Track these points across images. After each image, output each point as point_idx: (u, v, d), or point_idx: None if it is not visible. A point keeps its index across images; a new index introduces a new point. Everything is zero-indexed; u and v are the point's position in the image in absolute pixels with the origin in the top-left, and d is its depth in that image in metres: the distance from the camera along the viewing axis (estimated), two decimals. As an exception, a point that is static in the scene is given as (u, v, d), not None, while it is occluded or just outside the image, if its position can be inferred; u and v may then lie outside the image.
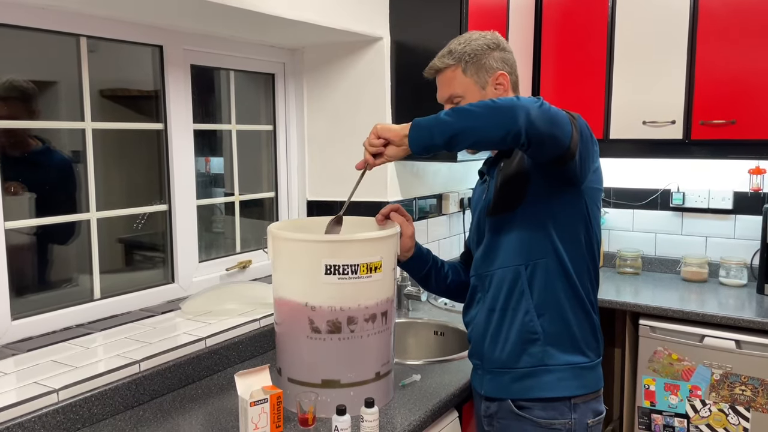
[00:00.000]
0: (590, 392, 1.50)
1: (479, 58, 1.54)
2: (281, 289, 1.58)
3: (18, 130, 1.81)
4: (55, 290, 1.91)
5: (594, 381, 1.52)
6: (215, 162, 2.50)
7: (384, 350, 1.59)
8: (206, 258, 2.30)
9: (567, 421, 1.47)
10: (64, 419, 1.43)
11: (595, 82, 2.88)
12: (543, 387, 1.48)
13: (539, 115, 1.27)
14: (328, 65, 2.53)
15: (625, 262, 3.12)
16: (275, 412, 1.44)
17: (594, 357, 1.52)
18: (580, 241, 1.49)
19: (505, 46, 1.58)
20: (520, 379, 1.50)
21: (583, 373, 1.50)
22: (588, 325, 1.51)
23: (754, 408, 2.40)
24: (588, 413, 1.50)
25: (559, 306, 1.48)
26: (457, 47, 1.55)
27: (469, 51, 1.54)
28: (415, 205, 2.65)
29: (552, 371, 1.48)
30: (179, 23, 2.00)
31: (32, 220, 1.82)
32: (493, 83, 1.55)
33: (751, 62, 2.55)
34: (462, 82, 1.55)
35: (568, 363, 1.48)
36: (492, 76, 1.55)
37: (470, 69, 1.54)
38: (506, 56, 1.57)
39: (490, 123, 1.28)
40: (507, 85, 1.55)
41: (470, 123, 1.30)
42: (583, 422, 1.49)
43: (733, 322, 2.41)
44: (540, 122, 1.27)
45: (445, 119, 1.32)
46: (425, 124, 1.34)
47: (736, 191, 2.93)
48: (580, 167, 1.40)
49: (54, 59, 1.91)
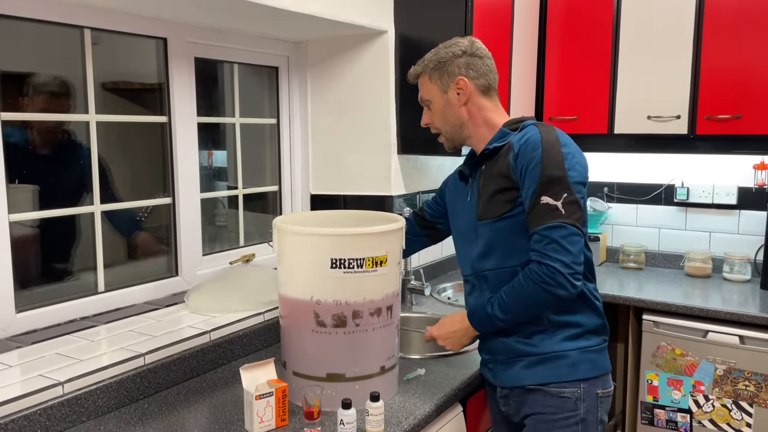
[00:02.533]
0: (600, 374, 1.57)
1: (443, 65, 1.62)
2: (286, 283, 1.57)
3: (51, 124, 1.85)
4: (59, 283, 1.91)
5: (603, 363, 1.58)
6: (218, 155, 2.50)
7: (389, 344, 1.59)
8: (210, 251, 2.30)
9: (576, 389, 1.53)
10: (69, 412, 1.43)
11: (600, 76, 2.86)
12: (554, 373, 1.54)
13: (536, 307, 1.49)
14: (332, 59, 2.52)
15: (629, 257, 3.11)
16: (280, 406, 1.44)
17: (600, 341, 1.58)
18: None
19: (476, 51, 1.62)
20: (532, 366, 1.56)
21: (592, 357, 1.55)
22: (591, 311, 1.57)
23: (758, 403, 2.40)
24: (598, 384, 1.56)
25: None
26: (427, 56, 1.65)
27: (435, 59, 1.63)
28: (418, 199, 2.64)
29: (561, 356, 1.54)
30: (183, 15, 1.99)
31: (36, 212, 1.82)
32: (454, 88, 1.61)
33: (757, 57, 2.54)
34: (429, 88, 1.65)
35: (577, 348, 1.54)
36: (453, 81, 1.61)
37: (434, 75, 1.63)
38: (473, 62, 1.61)
39: (529, 316, 1.53)
40: (467, 90, 1.60)
41: (517, 321, 1.53)
42: (593, 392, 1.55)
43: (736, 317, 2.41)
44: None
45: (503, 322, 1.54)
46: (481, 324, 1.59)
47: (741, 186, 2.93)
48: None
49: (57, 51, 1.90)
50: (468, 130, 1.65)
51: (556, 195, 1.42)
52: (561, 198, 1.42)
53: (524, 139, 1.51)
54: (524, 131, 1.55)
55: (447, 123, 1.66)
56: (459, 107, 1.63)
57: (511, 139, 1.55)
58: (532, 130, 1.52)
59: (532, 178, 1.45)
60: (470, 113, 1.63)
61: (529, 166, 1.46)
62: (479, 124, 1.63)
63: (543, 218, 1.43)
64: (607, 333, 1.61)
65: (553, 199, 1.42)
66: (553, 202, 1.42)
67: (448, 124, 1.66)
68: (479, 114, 1.63)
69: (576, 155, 1.49)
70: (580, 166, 1.48)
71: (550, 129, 1.53)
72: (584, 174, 1.49)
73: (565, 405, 1.54)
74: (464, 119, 1.64)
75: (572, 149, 1.49)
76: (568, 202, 1.42)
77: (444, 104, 1.64)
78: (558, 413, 1.54)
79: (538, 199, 1.43)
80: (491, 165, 1.58)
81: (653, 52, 2.74)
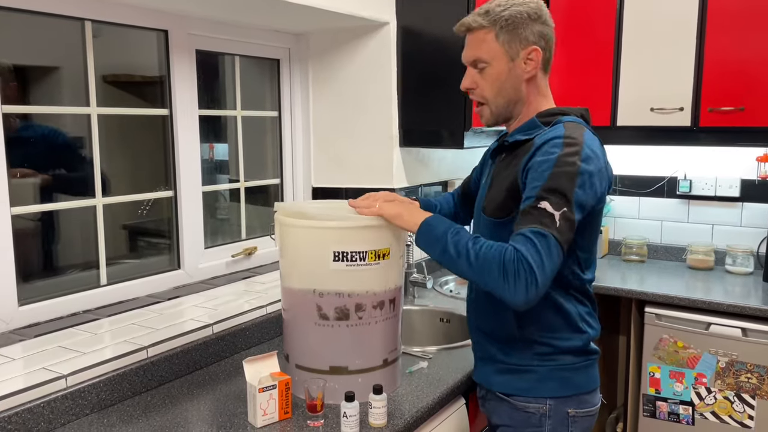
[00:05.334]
0: (572, 394, 1.46)
1: (516, 27, 1.41)
2: (289, 275, 1.57)
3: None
4: (62, 276, 1.91)
5: (579, 381, 1.47)
6: (219, 148, 2.49)
7: (392, 337, 1.59)
8: (212, 244, 2.29)
9: (541, 405, 1.45)
10: (72, 405, 1.43)
11: (602, 68, 2.85)
12: (519, 386, 1.47)
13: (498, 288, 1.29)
14: (334, 50, 2.51)
15: (631, 249, 3.11)
16: (283, 399, 1.44)
17: (579, 360, 1.46)
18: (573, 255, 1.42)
19: (546, 19, 1.45)
20: (501, 373, 1.50)
21: (565, 375, 1.45)
22: (574, 333, 1.46)
23: (760, 396, 2.40)
24: (570, 403, 1.46)
25: (540, 316, 1.43)
26: (495, 8, 1.43)
27: (507, 16, 1.41)
28: (420, 192, 2.64)
29: (529, 371, 1.45)
30: (185, 8, 1.98)
31: (38, 206, 1.81)
32: (525, 57, 1.43)
33: (760, 49, 2.52)
34: (491, 48, 1.43)
35: (547, 365, 1.44)
36: (525, 50, 1.43)
37: (503, 36, 1.42)
38: (545, 31, 1.45)
39: (468, 276, 1.36)
40: (538, 62, 1.44)
41: (453, 268, 1.37)
42: (562, 410, 1.45)
43: (739, 309, 2.41)
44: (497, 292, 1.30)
45: (443, 256, 1.37)
46: (427, 240, 1.41)
47: (744, 179, 2.92)
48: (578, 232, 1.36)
49: (57, 44, 1.89)
50: (519, 109, 1.48)
51: (557, 205, 1.29)
52: (561, 210, 1.29)
53: (546, 138, 1.37)
54: (553, 129, 1.40)
55: (501, 95, 1.46)
56: (522, 81, 1.44)
57: (536, 136, 1.41)
58: (559, 131, 1.37)
59: (538, 180, 1.32)
60: (529, 90, 1.46)
61: (540, 167, 1.33)
62: (530, 104, 1.47)
63: (535, 221, 1.29)
64: (591, 353, 1.49)
65: (553, 207, 1.29)
66: (551, 210, 1.29)
67: (501, 96, 1.46)
68: (534, 93, 1.47)
69: (594, 176, 1.33)
70: (592, 190, 1.33)
71: (578, 136, 1.36)
72: (593, 198, 1.34)
73: (530, 420, 1.46)
74: (522, 96, 1.46)
75: (593, 168, 1.33)
76: (565, 219, 1.28)
77: (507, 73, 1.43)
78: (522, 428, 1.47)
79: (537, 202, 1.30)
80: (509, 157, 1.46)
81: (656, 43, 2.73)
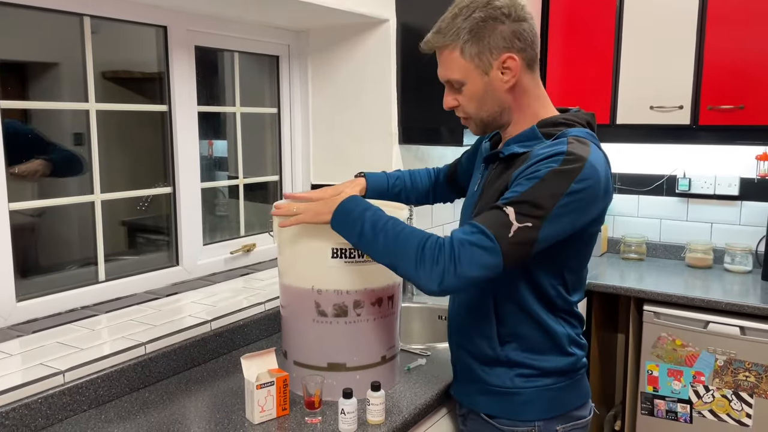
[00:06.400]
0: (559, 414, 1.40)
1: (481, 36, 1.26)
2: (287, 272, 1.57)
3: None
4: (60, 272, 1.91)
5: (568, 400, 1.42)
6: (219, 145, 2.49)
7: (390, 334, 1.59)
8: (210, 241, 2.29)
9: (530, 428, 1.40)
10: (70, 401, 1.43)
11: (602, 66, 2.85)
12: (506, 408, 1.41)
13: (413, 274, 1.23)
14: (334, 47, 2.50)
15: (630, 247, 3.11)
16: (281, 395, 1.44)
17: (563, 380, 1.40)
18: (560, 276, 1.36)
19: (518, 13, 1.28)
20: (486, 395, 1.44)
21: (552, 395, 1.40)
22: (559, 354, 1.39)
23: (758, 394, 2.41)
24: (558, 420, 1.41)
25: (524, 336, 1.38)
26: (454, 21, 1.29)
27: (468, 27, 1.27)
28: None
29: (515, 393, 1.40)
30: (184, 4, 1.97)
31: (36, 201, 1.81)
32: (499, 67, 1.29)
33: (760, 47, 2.52)
34: (460, 66, 1.30)
35: (533, 386, 1.39)
36: (497, 59, 1.28)
37: (470, 49, 1.28)
38: (519, 28, 1.28)
39: (384, 258, 1.29)
40: (516, 69, 1.28)
41: (370, 250, 1.31)
42: (551, 428, 1.40)
43: (737, 308, 2.41)
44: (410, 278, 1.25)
45: (359, 238, 1.31)
46: (343, 222, 1.34)
47: (743, 177, 2.92)
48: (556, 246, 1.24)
49: (55, 40, 1.89)
50: (507, 116, 1.35)
51: (521, 217, 1.16)
52: (523, 223, 1.16)
53: (546, 153, 1.23)
54: (555, 144, 1.25)
55: (483, 109, 1.34)
56: (503, 92, 1.31)
57: (533, 149, 1.28)
58: (562, 147, 1.22)
59: (519, 186, 1.20)
60: (515, 97, 1.32)
61: (526, 175, 1.21)
62: (521, 109, 1.34)
63: (489, 220, 1.19)
64: (576, 369, 1.42)
65: (516, 218, 1.16)
66: (512, 219, 1.16)
67: (485, 111, 1.34)
68: (523, 98, 1.33)
69: (586, 199, 1.20)
70: (577, 214, 1.21)
71: (582, 153, 1.21)
72: (578, 222, 1.22)
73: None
74: (508, 105, 1.33)
75: (586, 192, 1.20)
76: (523, 235, 1.16)
77: (483, 88, 1.31)
78: None
79: (504, 205, 1.18)
80: (503, 167, 1.35)
81: (656, 41, 2.73)
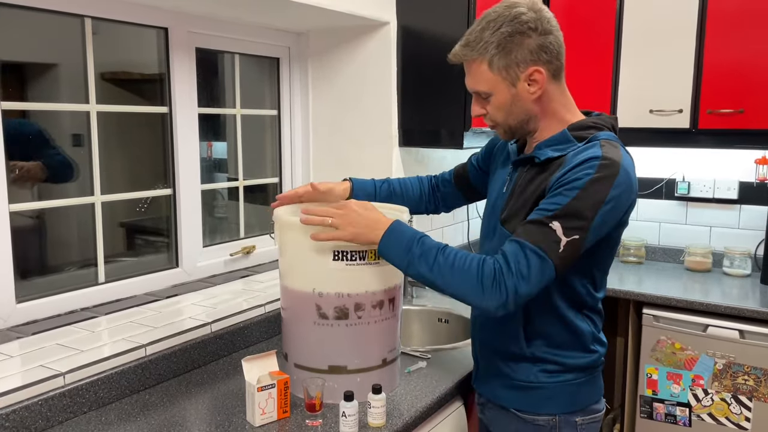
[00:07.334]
0: (579, 409, 1.46)
1: (509, 51, 1.32)
2: (288, 275, 1.57)
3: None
4: (60, 273, 1.90)
5: (586, 395, 1.48)
6: (219, 147, 2.49)
7: (391, 337, 1.59)
8: (210, 243, 2.29)
9: (551, 418, 1.45)
10: (70, 403, 1.43)
11: (602, 70, 2.85)
12: (529, 401, 1.46)
13: (475, 300, 1.29)
14: (334, 50, 2.50)
15: (629, 251, 3.11)
16: (282, 398, 1.44)
17: (583, 375, 1.46)
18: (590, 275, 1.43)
19: (544, 27, 1.33)
20: (508, 389, 1.49)
21: (572, 390, 1.46)
22: (582, 351, 1.46)
23: (757, 398, 2.41)
24: (577, 414, 1.47)
25: (550, 333, 1.44)
26: (482, 35, 1.34)
27: (496, 42, 1.32)
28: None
29: (538, 387, 1.45)
30: (185, 5, 1.98)
31: (36, 203, 1.81)
32: (526, 79, 1.34)
33: (760, 51, 2.52)
34: (488, 79, 1.36)
35: (556, 381, 1.44)
36: (525, 72, 1.34)
37: (498, 62, 1.34)
38: (545, 41, 1.33)
39: (442, 285, 1.32)
40: (543, 82, 1.35)
41: (426, 279, 1.33)
42: (571, 420, 1.46)
43: (736, 312, 2.41)
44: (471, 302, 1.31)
45: (414, 269, 1.33)
46: (391, 252, 1.37)
47: (742, 181, 2.92)
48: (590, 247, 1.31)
49: (55, 41, 1.88)
50: (534, 124, 1.41)
51: (568, 231, 1.24)
52: (571, 237, 1.24)
53: (583, 158, 1.30)
54: (590, 148, 1.33)
55: (511, 117, 1.40)
56: (530, 102, 1.37)
57: (568, 153, 1.35)
58: (597, 151, 1.30)
59: (561, 197, 1.27)
60: (542, 107, 1.39)
61: (568, 185, 1.27)
62: (548, 116, 1.40)
63: (536, 236, 1.25)
64: (597, 365, 1.49)
65: (563, 233, 1.24)
66: (560, 234, 1.24)
67: (512, 119, 1.40)
68: (549, 106, 1.40)
69: (622, 202, 1.30)
70: (615, 217, 1.30)
71: (616, 158, 1.30)
72: (615, 223, 1.32)
73: (540, 431, 1.46)
74: (535, 113, 1.40)
75: (623, 194, 1.29)
76: (572, 245, 1.25)
77: (510, 99, 1.37)
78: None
79: (550, 220, 1.25)
80: (537, 170, 1.39)
81: (656, 45, 2.73)
